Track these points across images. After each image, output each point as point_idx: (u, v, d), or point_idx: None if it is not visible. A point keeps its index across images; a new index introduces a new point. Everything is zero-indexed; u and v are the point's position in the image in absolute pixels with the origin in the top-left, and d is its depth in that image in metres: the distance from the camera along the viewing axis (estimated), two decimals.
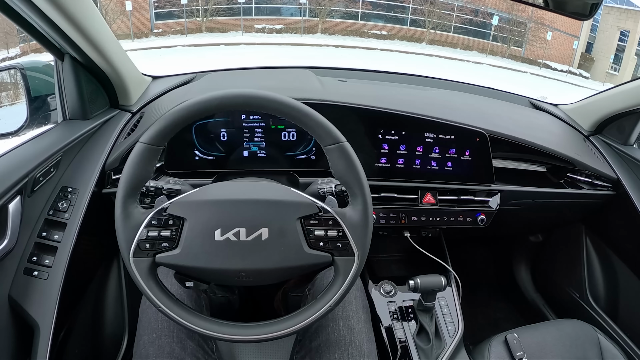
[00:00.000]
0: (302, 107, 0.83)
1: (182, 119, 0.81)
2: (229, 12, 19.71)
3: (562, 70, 23.29)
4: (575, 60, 24.15)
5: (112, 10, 16.76)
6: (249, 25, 20.10)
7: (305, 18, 21.22)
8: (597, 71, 23.63)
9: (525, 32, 23.62)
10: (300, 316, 0.85)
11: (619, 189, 1.57)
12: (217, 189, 0.86)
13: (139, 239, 0.80)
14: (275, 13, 20.98)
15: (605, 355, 1.34)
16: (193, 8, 19.02)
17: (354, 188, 0.85)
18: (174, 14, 19.02)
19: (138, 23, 17.96)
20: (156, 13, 18.67)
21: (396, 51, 20.19)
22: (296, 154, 1.33)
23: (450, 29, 23.38)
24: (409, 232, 1.51)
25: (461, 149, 1.41)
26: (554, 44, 23.52)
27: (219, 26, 19.55)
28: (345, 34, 21.73)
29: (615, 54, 23.87)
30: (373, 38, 22.01)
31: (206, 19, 19.31)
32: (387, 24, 22.70)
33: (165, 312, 0.82)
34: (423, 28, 22.88)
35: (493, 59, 22.64)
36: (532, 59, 23.76)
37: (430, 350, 1.26)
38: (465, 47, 23.31)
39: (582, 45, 24.43)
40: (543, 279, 2.14)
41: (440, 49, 22.18)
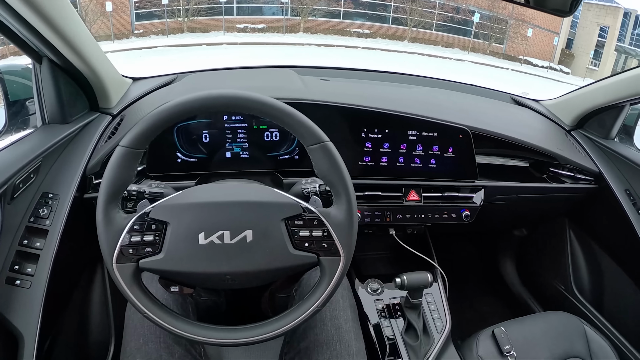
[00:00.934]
0: (284, 107, 0.82)
1: (162, 121, 0.80)
2: (210, 11, 19.60)
3: (543, 66, 23.53)
4: (555, 56, 24.43)
5: (92, 11, 16.53)
6: (230, 25, 19.99)
7: (287, 17, 21.16)
8: (578, 67, 23.94)
9: (506, 29, 23.82)
10: (287, 318, 0.84)
11: (601, 182, 1.59)
12: (200, 192, 0.85)
13: (122, 244, 0.78)
14: (257, 12, 20.89)
15: (592, 345, 1.36)
16: (174, 8, 18.87)
17: (338, 187, 0.85)
18: (154, 14, 18.84)
19: (119, 24, 17.74)
20: (137, 13, 18.48)
21: (378, 49, 20.23)
22: (279, 154, 1.32)
23: (432, 27, 23.50)
24: (394, 229, 1.52)
25: (444, 145, 1.41)
26: (534, 40, 23.75)
27: (200, 26, 19.42)
28: (328, 33, 21.72)
29: (595, 50, 24.22)
30: (355, 37, 22.03)
31: (187, 19, 19.18)
32: (369, 22, 22.74)
33: (151, 318, 0.81)
34: (405, 26, 22.96)
35: (475, 56, 22.80)
36: (513, 55, 23.96)
37: (418, 347, 1.26)
38: (447, 44, 23.44)
39: (563, 42, 24.73)
40: (529, 273, 2.16)
41: (422, 47, 22.28)
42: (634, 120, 1.72)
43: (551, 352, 1.33)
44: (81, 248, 1.25)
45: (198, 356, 1.09)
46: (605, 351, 1.36)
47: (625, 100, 1.54)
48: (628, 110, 1.66)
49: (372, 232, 1.56)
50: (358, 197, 1.35)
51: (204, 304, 1.33)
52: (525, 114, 1.82)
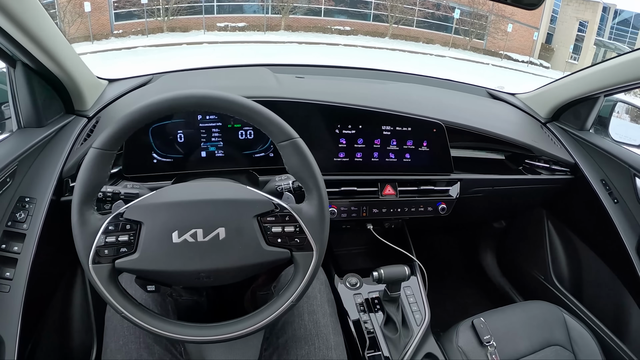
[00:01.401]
0: (253, 105, 0.83)
1: (133, 122, 0.80)
2: (190, 10, 19.37)
3: (523, 61, 23.74)
4: (535, 51, 24.67)
5: (70, 12, 16.28)
6: (211, 24, 19.79)
7: (268, 15, 21.04)
8: (558, 61, 24.20)
9: (487, 24, 23.95)
10: (262, 314, 0.85)
11: (576, 172, 1.62)
12: (173, 191, 0.85)
13: (97, 245, 0.79)
14: (238, 11, 20.70)
15: (572, 333, 1.38)
16: (154, 8, 18.63)
17: (309, 183, 0.86)
18: (134, 14, 18.60)
19: (97, 24, 17.49)
20: (116, 14, 18.21)
21: (360, 46, 20.23)
22: (254, 152, 1.32)
23: (412, 23, 23.53)
24: (371, 224, 1.52)
25: (418, 140, 1.43)
26: (514, 35, 23.93)
27: (180, 25, 19.20)
28: (309, 31, 21.62)
29: (575, 44, 24.53)
30: (336, 34, 21.96)
31: (167, 18, 18.95)
32: (350, 19, 22.69)
33: (129, 318, 0.82)
34: (386, 23, 22.96)
35: (455, 51, 22.90)
36: (493, 50, 24.12)
37: (397, 340, 1.27)
38: (427, 40, 23.50)
39: (542, 36, 24.98)
40: (508, 264, 2.19)
41: (403, 43, 22.30)
42: (609, 112, 1.74)
43: (531, 341, 1.35)
44: (60, 251, 1.24)
45: (179, 355, 1.09)
46: (585, 338, 1.38)
47: (599, 91, 1.57)
48: (602, 102, 1.69)
49: (349, 228, 1.56)
50: (334, 193, 1.37)
51: (184, 304, 1.33)
52: (501, 107, 1.84)
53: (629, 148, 1.63)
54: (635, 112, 1.78)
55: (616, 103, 1.74)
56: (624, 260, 1.49)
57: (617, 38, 24.84)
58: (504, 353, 1.31)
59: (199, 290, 1.45)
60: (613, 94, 1.61)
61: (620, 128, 1.74)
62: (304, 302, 1.12)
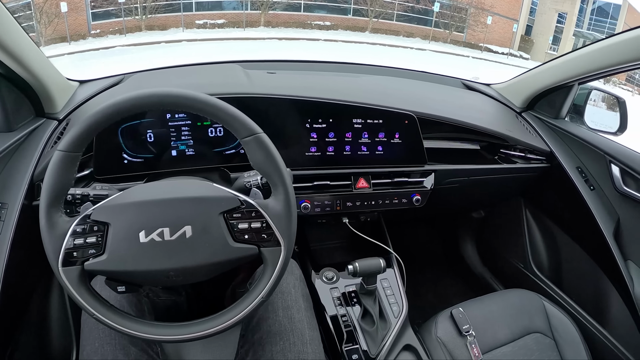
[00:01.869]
0: (214, 102, 0.83)
1: (96, 123, 0.79)
2: (168, 8, 19.22)
3: (503, 53, 23.97)
4: (515, 42, 24.92)
5: (46, 13, 16.06)
6: (189, 22, 19.66)
7: (247, 11, 20.96)
8: (537, 52, 24.48)
9: (466, 17, 24.13)
10: (233, 311, 0.85)
11: (552, 161, 1.63)
12: (139, 191, 0.84)
13: (66, 248, 0.78)
14: (217, 7, 20.55)
15: (552, 320, 1.40)
16: (131, 6, 18.44)
17: (274, 178, 0.85)
18: (111, 13, 18.39)
19: (75, 25, 17.26)
20: (93, 13, 18.00)
21: (340, 41, 20.23)
22: (225, 149, 1.31)
23: (392, 17, 23.62)
24: (347, 218, 1.52)
25: (390, 132, 1.42)
26: (494, 27, 24.14)
27: (158, 24, 19.04)
28: (289, 26, 21.58)
29: (554, 35, 24.88)
30: (317, 29, 21.96)
31: (145, 17, 18.77)
32: (330, 14, 22.69)
33: (101, 320, 0.81)
34: (366, 17, 23.00)
35: (436, 44, 23.04)
36: (473, 43, 24.31)
37: (375, 332, 1.27)
38: (408, 34, 23.60)
39: (522, 28, 25.25)
40: (488, 253, 2.21)
41: (384, 37, 22.39)
42: (584, 100, 1.75)
43: (511, 329, 1.36)
44: (34, 255, 1.21)
45: (155, 355, 1.08)
46: (565, 325, 1.40)
47: (573, 79, 1.57)
48: (577, 90, 1.70)
49: (325, 222, 1.56)
50: (307, 188, 1.36)
51: (163, 304, 1.32)
52: (476, 97, 1.85)
53: (604, 135, 1.64)
54: (611, 100, 1.79)
55: (591, 91, 1.75)
56: (602, 247, 1.50)
57: (596, 29, 25.18)
58: (483, 342, 1.32)
59: (178, 290, 1.44)
60: (586, 81, 1.61)
61: (596, 116, 1.75)
62: (278, 297, 1.12)
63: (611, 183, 1.54)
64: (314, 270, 1.45)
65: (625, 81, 24.88)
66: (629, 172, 1.49)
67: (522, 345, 1.34)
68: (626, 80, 24.93)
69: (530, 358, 1.32)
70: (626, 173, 1.51)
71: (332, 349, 1.27)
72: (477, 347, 1.29)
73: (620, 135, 1.66)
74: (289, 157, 1.29)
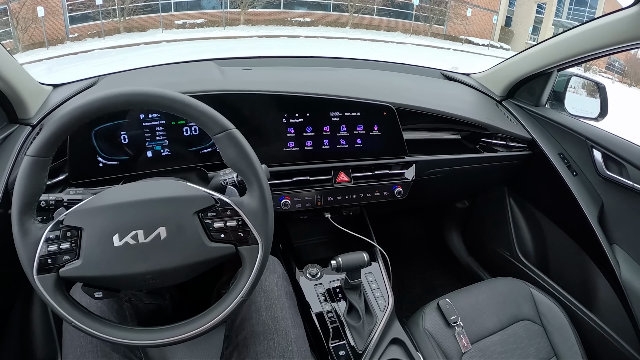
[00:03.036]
0: (183, 98, 0.81)
1: (65, 126, 0.77)
2: (147, 9, 19.02)
3: (484, 45, 24.16)
4: (495, 34, 25.15)
5: (23, 18, 15.86)
6: (169, 22, 19.45)
7: (227, 10, 20.83)
8: (517, 43, 24.73)
9: (446, 10, 24.25)
10: (213, 312, 0.83)
11: (534, 148, 1.64)
12: (112, 194, 0.82)
13: (40, 255, 0.76)
14: (196, 7, 20.37)
15: (540, 307, 1.40)
16: (109, 8, 18.24)
17: (248, 175, 0.84)
18: (89, 16, 18.16)
19: (52, 29, 17.02)
20: (71, 17, 17.76)
21: (321, 37, 20.25)
22: (201, 148, 1.28)
23: (372, 12, 23.66)
24: (329, 213, 1.51)
25: (369, 124, 1.41)
26: (474, 20, 24.31)
27: (137, 25, 18.83)
28: (269, 24, 21.50)
29: (534, 26, 25.15)
30: (297, 26, 21.90)
31: (123, 18, 18.56)
32: (310, 10, 22.65)
33: (79, 327, 0.79)
34: (346, 12, 23.02)
35: (416, 38, 23.14)
36: (454, 35, 24.47)
37: (361, 327, 1.26)
38: (388, 28, 23.67)
39: (502, 20, 25.50)
40: (474, 243, 2.22)
41: (365, 32, 22.42)
42: (563, 86, 1.76)
43: (499, 317, 1.36)
44: (13, 264, 1.19)
45: None
46: (553, 311, 1.41)
47: (552, 66, 1.58)
48: (556, 77, 1.71)
49: (307, 218, 1.55)
50: (286, 184, 1.35)
51: (146, 309, 1.30)
52: (455, 87, 1.85)
53: (585, 121, 1.65)
54: (591, 87, 1.79)
55: (570, 77, 1.75)
56: (587, 232, 1.51)
57: (575, 18, 25.47)
58: (471, 332, 1.32)
59: (162, 294, 1.42)
60: (565, 67, 1.62)
61: (577, 102, 1.76)
62: (261, 296, 1.10)
63: (594, 168, 1.55)
64: (297, 268, 1.43)
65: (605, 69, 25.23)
66: (611, 156, 1.49)
67: (511, 333, 1.34)
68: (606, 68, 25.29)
69: (520, 345, 1.33)
70: (608, 158, 1.51)
71: (319, 346, 1.25)
72: (465, 338, 1.29)
73: (601, 120, 1.67)
74: (267, 154, 1.28)
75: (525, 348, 1.33)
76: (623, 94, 18.20)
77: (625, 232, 1.50)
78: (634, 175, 1.43)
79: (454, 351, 1.27)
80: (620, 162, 1.46)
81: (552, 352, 1.34)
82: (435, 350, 1.26)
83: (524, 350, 1.32)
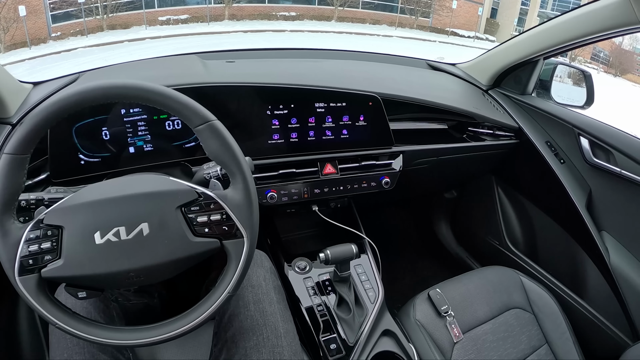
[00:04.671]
0: (162, 90, 0.79)
1: (42, 121, 0.75)
2: (130, 6, 18.84)
3: (469, 37, 24.29)
4: (481, 26, 25.29)
5: (4, 18, 15.64)
6: (152, 18, 19.29)
7: (211, 5, 20.71)
8: (503, 34, 24.90)
9: (432, 2, 24.35)
10: (200, 309, 0.82)
11: (521, 136, 1.64)
12: (92, 190, 0.80)
13: (21, 256, 0.74)
14: (179, 3, 20.21)
15: (530, 294, 1.41)
16: (92, 6, 18.05)
17: (231, 167, 0.82)
18: (71, 14, 17.96)
19: (34, 28, 16.83)
20: (53, 15, 17.56)
21: (306, 31, 20.22)
22: (184, 142, 1.26)
23: (358, 5, 23.67)
24: (316, 205, 1.50)
25: (355, 115, 1.40)
26: (459, 12, 24.43)
27: (120, 22, 18.65)
28: (254, 19, 21.41)
29: (519, 17, 25.28)
30: (282, 20, 21.84)
31: (106, 16, 18.38)
32: (295, 4, 22.62)
33: (64, 329, 0.77)
34: (331, 6, 23.00)
35: (402, 30, 23.21)
36: (440, 28, 24.58)
37: (352, 320, 1.25)
38: (374, 21, 23.70)
39: (487, 11, 25.65)
40: (463, 232, 2.23)
41: (350, 26, 22.45)
42: (550, 75, 1.76)
43: (490, 306, 1.37)
44: None
45: None
46: (543, 298, 1.41)
47: (538, 54, 1.58)
48: (542, 66, 1.71)
49: (294, 211, 1.54)
50: (272, 177, 1.33)
51: (134, 308, 1.28)
52: (441, 77, 1.85)
53: (572, 109, 1.65)
54: (577, 75, 1.80)
55: (556, 66, 1.75)
56: (575, 219, 1.52)
57: (560, 8, 25.66)
58: (463, 322, 1.32)
59: (150, 292, 1.40)
60: (551, 56, 1.62)
61: (563, 91, 1.76)
62: (249, 291, 1.09)
63: (581, 155, 1.56)
64: (286, 262, 1.41)
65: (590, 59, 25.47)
66: (598, 143, 1.50)
67: (502, 321, 1.35)
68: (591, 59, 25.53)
69: (512, 334, 1.33)
70: (595, 145, 1.52)
71: (309, 340, 1.24)
72: (457, 327, 1.29)
73: (587, 108, 1.67)
74: (251, 147, 1.27)
75: (517, 336, 1.33)
76: (609, 84, 18.37)
77: (614, 219, 1.51)
78: (621, 161, 1.44)
79: (446, 341, 1.27)
80: (608, 149, 1.47)
81: (544, 340, 1.34)
82: (426, 341, 1.26)
83: (516, 338, 1.33)
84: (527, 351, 1.31)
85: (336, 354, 1.19)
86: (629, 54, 26.57)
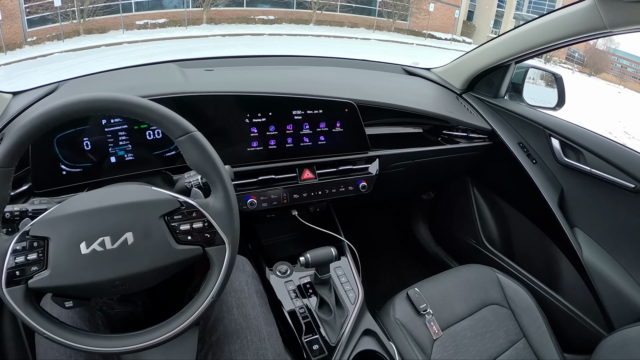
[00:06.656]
0: (144, 103, 0.81)
1: (27, 134, 0.76)
2: (107, 10, 18.55)
3: (446, 39, 24.45)
4: (457, 28, 25.50)
5: None
6: (130, 23, 19.01)
7: (189, 9, 20.53)
8: (479, 36, 25.14)
9: (409, 5, 24.45)
10: (185, 314, 0.84)
11: (494, 138, 1.69)
12: (76, 201, 0.82)
13: (8, 267, 0.75)
14: (157, 7, 19.97)
15: (507, 291, 1.46)
16: (68, 10, 17.77)
17: (212, 176, 0.84)
18: (48, 18, 17.63)
19: (10, 33, 16.48)
20: (29, 20, 17.22)
21: (285, 35, 20.18)
22: (165, 151, 1.27)
23: (336, 8, 23.68)
24: (296, 210, 1.52)
25: (331, 121, 1.43)
26: (436, 14, 24.60)
27: (97, 27, 18.35)
28: (232, 22, 21.26)
29: (495, 19, 25.56)
30: (260, 24, 21.75)
31: (83, 20, 18.12)
32: (274, 8, 22.52)
33: (52, 338, 0.78)
34: (309, 9, 22.98)
35: (380, 33, 23.29)
36: (417, 30, 24.70)
37: (333, 321, 1.27)
38: (352, 24, 23.74)
39: (464, 14, 25.89)
40: (441, 232, 2.26)
41: (329, 29, 22.45)
42: (521, 78, 1.80)
43: (467, 303, 1.40)
44: None
45: None
46: (519, 294, 1.46)
47: (509, 59, 1.62)
48: (514, 70, 1.76)
49: (274, 217, 1.56)
50: (252, 184, 1.35)
51: (118, 316, 1.28)
52: (416, 82, 1.88)
53: (543, 111, 1.70)
54: (549, 77, 1.84)
55: (528, 69, 1.80)
56: (548, 217, 1.56)
57: (535, 11, 26.02)
58: (442, 319, 1.35)
59: (133, 301, 1.41)
60: (522, 60, 1.67)
61: (535, 93, 1.81)
62: (232, 296, 1.11)
63: (552, 155, 1.61)
64: (267, 266, 1.43)
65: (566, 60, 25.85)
66: (569, 143, 1.55)
67: (480, 317, 1.39)
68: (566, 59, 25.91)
69: (490, 329, 1.37)
70: (566, 145, 1.57)
71: (293, 342, 1.26)
72: (436, 325, 1.33)
73: (559, 110, 1.72)
74: (231, 154, 1.28)
75: (494, 331, 1.37)
76: (583, 84, 18.66)
77: (585, 216, 1.56)
78: (591, 161, 1.49)
79: (426, 338, 1.30)
80: (578, 149, 1.52)
81: (521, 334, 1.39)
82: (407, 339, 1.29)
83: (494, 333, 1.37)
84: (505, 345, 1.35)
85: (319, 354, 1.21)
86: (603, 54, 27.09)
